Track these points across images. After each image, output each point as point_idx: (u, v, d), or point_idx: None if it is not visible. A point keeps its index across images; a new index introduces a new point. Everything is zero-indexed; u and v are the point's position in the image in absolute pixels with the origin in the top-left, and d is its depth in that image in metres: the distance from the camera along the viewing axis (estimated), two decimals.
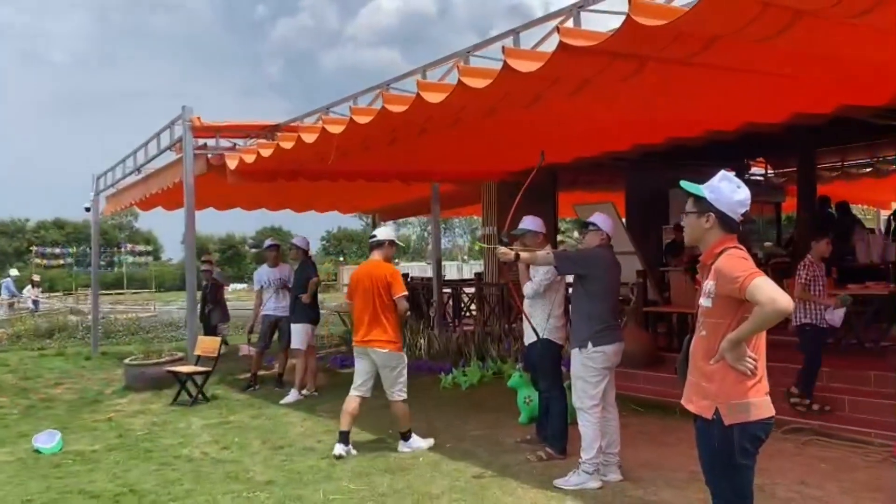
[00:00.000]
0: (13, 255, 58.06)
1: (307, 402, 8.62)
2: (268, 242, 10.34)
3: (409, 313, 5.57)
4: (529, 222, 5.97)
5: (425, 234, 69.42)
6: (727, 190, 3.01)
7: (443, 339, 11.81)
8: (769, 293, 2.72)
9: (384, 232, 6.59)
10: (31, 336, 16.76)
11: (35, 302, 23.42)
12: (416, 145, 7.95)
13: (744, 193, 3.03)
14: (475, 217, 29.66)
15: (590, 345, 5.13)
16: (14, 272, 27.01)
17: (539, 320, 5.77)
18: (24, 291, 23.76)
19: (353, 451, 6.21)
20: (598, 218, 5.45)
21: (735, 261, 2.89)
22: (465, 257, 55.93)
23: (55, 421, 8.06)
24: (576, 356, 5.23)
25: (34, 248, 34.40)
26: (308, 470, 5.81)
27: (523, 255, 5.25)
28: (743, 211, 3.02)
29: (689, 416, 3.14)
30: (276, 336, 9.87)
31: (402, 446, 6.31)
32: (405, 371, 6.31)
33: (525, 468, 5.65)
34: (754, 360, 2.87)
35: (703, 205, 3.04)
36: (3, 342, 16.26)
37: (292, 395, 8.79)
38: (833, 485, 5.01)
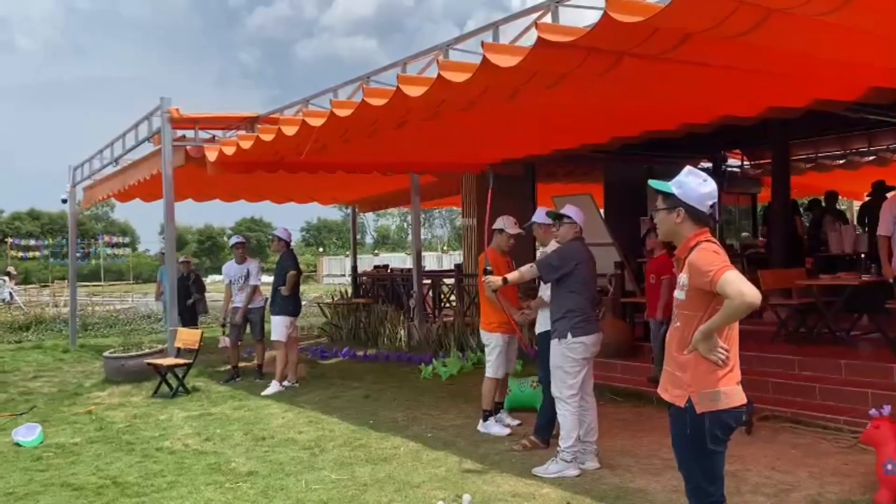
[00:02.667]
0: None
1: (288, 394, 8.65)
2: (234, 240, 10.36)
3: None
4: (537, 214, 6.06)
5: (405, 224, 69.48)
6: (693, 184, 3.10)
7: (423, 330, 11.89)
8: (738, 287, 2.81)
9: (498, 222, 6.64)
10: (7, 329, 16.60)
11: (10, 294, 23.20)
12: (395, 137, 7.99)
13: (710, 186, 3.11)
14: (455, 208, 29.77)
15: (569, 335, 5.23)
16: None
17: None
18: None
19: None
20: (572, 210, 5.53)
21: (707, 255, 2.98)
22: (445, 248, 56.03)
23: (34, 414, 8.03)
24: (555, 347, 5.32)
25: (9, 240, 33.91)
26: (290, 461, 5.86)
27: (511, 277, 5.54)
28: (711, 203, 3.10)
29: (664, 405, 3.23)
30: (248, 328, 9.95)
31: (479, 426, 6.47)
32: (496, 351, 6.49)
33: (505, 457, 5.74)
34: (726, 350, 2.97)
35: (671, 200, 3.12)
36: None
37: (273, 387, 8.82)
38: (803, 470, 5.15)
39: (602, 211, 12.12)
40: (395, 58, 7.07)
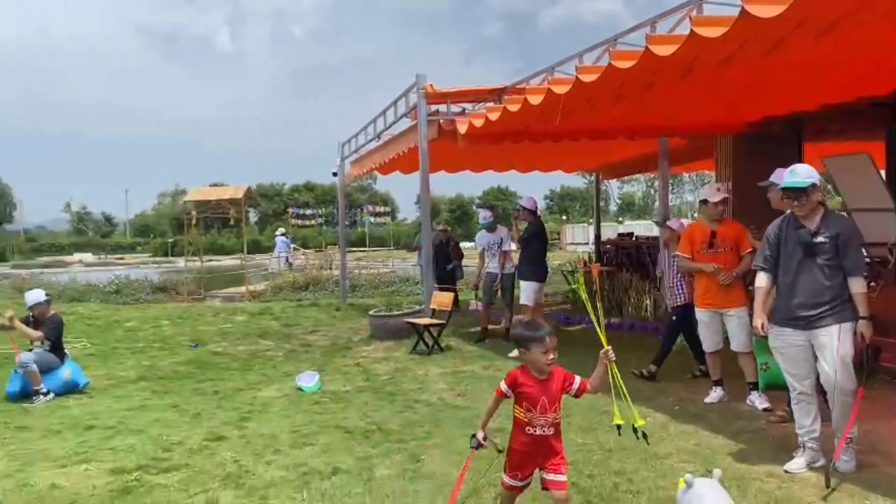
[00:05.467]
0: (272, 216, 65.26)
1: None
2: (485, 217, 10.70)
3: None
4: (776, 175, 5.58)
5: (651, 191, 66.97)
6: None
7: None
8: None
9: (701, 192, 6.68)
10: (290, 288, 18.86)
11: (287, 258, 26.32)
12: (643, 100, 7.74)
13: None
14: (707, 172, 28.04)
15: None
16: (282, 230, 30.41)
17: None
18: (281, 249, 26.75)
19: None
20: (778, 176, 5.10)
21: None
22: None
23: (313, 364, 9.08)
24: (848, 335, 4.57)
25: (290, 210, 38.27)
26: None
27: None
28: None
29: None
30: (499, 292, 10.37)
31: (748, 397, 6.40)
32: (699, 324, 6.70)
33: (760, 436, 5.42)
34: None
35: None
36: (267, 293, 18.50)
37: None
38: None
39: (882, 173, 10.72)
40: (641, 18, 6.82)
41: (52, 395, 7.51)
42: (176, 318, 14.02)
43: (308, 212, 37.45)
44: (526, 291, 9.35)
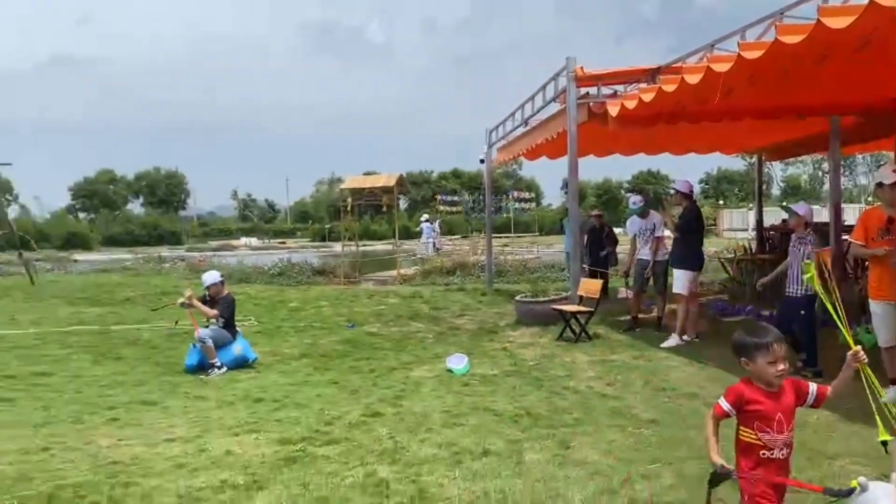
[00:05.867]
0: (421, 203, 66.90)
1: (688, 348, 8.58)
2: (634, 207, 10.38)
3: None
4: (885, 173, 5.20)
5: (819, 173, 62.25)
6: None
7: (843, 292, 10.65)
8: None
9: (877, 174, 6.24)
10: (438, 273, 19.30)
11: (434, 244, 26.92)
12: (813, 76, 7.21)
13: None
14: (885, 153, 25.62)
15: None
16: (426, 216, 31.21)
17: None
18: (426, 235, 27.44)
19: None
20: None
21: None
22: (870, 199, 48.88)
23: (461, 346, 9.27)
24: None
25: (438, 197, 39.08)
26: (691, 414, 5.84)
27: None
28: None
29: None
30: (651, 280, 10.05)
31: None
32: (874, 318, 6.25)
33: None
34: None
35: None
36: (417, 278, 19.04)
37: (672, 340, 8.83)
38: None
39: None
40: None
41: (225, 368, 8.16)
42: (333, 299, 14.76)
43: (455, 198, 38.07)
44: (680, 280, 9.02)
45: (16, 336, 10.94)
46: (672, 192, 9.74)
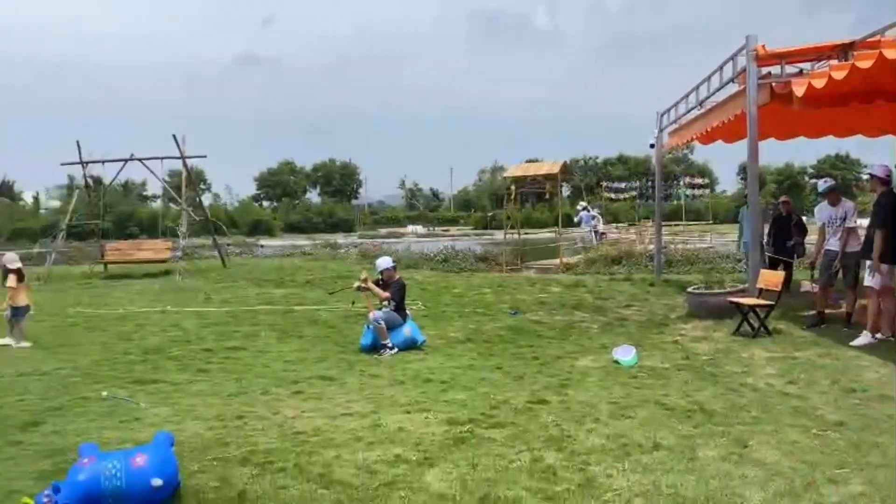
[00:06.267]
0: (585, 190, 65.86)
1: (883, 347, 7.84)
2: (822, 186, 9.60)
3: None
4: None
5: None
6: None
7: None
8: None
9: None
10: (602, 262, 18.92)
11: (596, 232, 26.40)
12: None
13: None
14: None
15: None
16: (582, 203, 30.71)
17: None
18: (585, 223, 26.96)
19: None
20: None
21: None
22: None
23: (628, 338, 9.05)
24: None
25: (603, 183, 38.30)
26: (885, 418, 5.36)
27: None
28: None
29: None
30: (839, 273, 9.25)
31: None
32: None
33: None
34: None
35: None
36: (580, 266, 18.78)
37: (864, 338, 8.11)
38: None
39: None
40: None
41: (396, 349, 8.52)
42: (496, 286, 14.92)
43: (621, 185, 37.11)
44: (873, 273, 8.24)
45: (211, 314, 12.05)
46: (867, 177, 8.91)
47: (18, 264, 9.83)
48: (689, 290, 11.11)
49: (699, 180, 40.49)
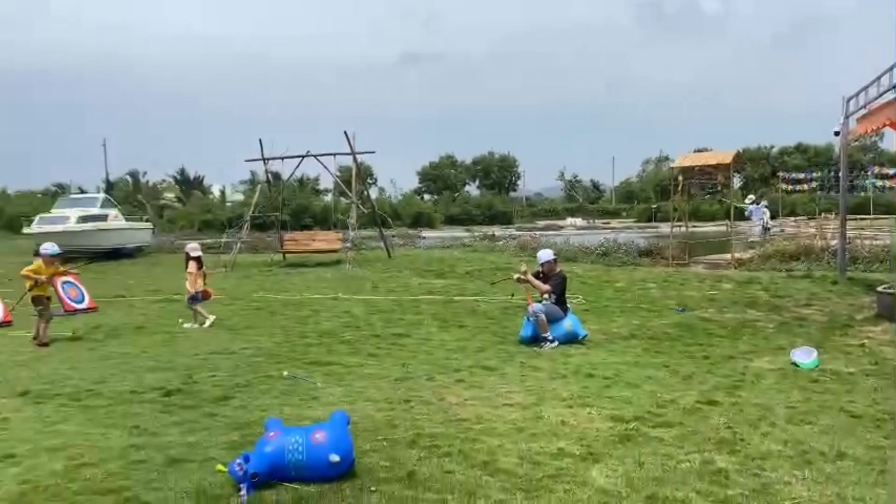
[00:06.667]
0: (759, 181, 61.91)
1: None
2: None
3: None
4: None
5: None
6: None
7: None
8: None
9: None
10: (778, 258, 17.73)
11: (764, 225, 24.75)
12: None
13: None
14: None
15: None
16: (751, 198, 28.90)
17: None
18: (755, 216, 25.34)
19: None
20: None
21: None
22: None
23: (808, 339, 8.45)
24: None
25: (779, 174, 35.80)
26: None
27: None
28: None
29: None
30: None
31: None
32: None
33: None
34: None
35: None
36: (754, 262, 17.71)
37: None
38: None
39: None
40: None
41: (556, 342, 8.48)
42: (661, 281, 14.43)
43: (800, 176, 34.48)
44: None
45: (378, 301, 12.60)
46: None
47: (199, 253, 10.80)
48: (879, 289, 10.18)
49: (890, 170, 36.67)
